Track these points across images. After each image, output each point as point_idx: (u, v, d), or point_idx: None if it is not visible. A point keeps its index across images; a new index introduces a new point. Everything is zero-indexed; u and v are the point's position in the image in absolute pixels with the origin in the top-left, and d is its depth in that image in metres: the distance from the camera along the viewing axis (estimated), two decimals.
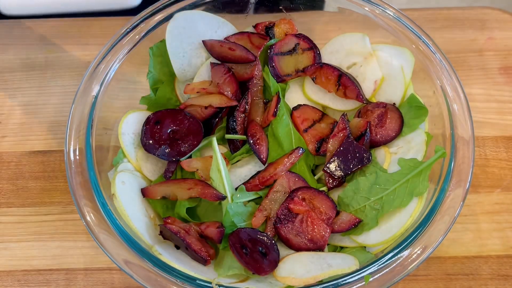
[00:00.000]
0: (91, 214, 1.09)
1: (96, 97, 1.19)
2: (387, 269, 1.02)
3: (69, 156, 1.14)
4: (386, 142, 1.19)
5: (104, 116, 1.20)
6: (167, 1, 1.26)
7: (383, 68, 1.24)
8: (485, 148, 1.36)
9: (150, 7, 1.26)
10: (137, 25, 1.25)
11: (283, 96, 1.24)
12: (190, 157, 1.20)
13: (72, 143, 1.15)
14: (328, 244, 1.13)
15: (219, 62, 1.24)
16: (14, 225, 1.29)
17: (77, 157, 1.14)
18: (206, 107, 1.20)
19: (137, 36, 1.24)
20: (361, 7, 1.29)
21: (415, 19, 1.27)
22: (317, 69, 1.24)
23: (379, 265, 1.03)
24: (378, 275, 1.02)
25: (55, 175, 1.35)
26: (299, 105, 1.24)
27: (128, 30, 1.24)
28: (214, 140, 1.14)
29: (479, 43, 1.50)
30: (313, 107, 1.25)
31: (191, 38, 1.25)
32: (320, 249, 1.10)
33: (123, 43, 1.23)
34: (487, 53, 1.49)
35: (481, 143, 1.36)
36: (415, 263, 1.03)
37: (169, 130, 1.19)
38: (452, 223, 1.06)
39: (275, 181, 1.15)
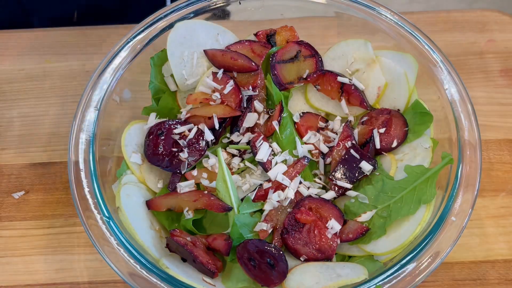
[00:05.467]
0: (96, 227, 1.08)
1: (99, 108, 1.17)
2: (398, 278, 1.02)
3: (73, 168, 1.13)
4: (391, 149, 1.18)
5: (106, 127, 1.19)
6: (167, 10, 1.25)
7: (386, 74, 1.23)
8: (489, 151, 1.35)
9: (151, 16, 1.25)
10: (139, 34, 1.24)
11: (286, 104, 1.23)
12: (194, 168, 1.19)
13: (75, 155, 1.14)
14: (336, 254, 1.12)
15: (220, 71, 1.23)
16: (16, 239, 1.28)
17: (81, 169, 1.13)
18: (209, 118, 1.19)
19: (138, 46, 1.23)
20: (360, 11, 1.28)
21: (415, 22, 1.27)
22: (320, 76, 1.23)
23: (390, 275, 1.02)
24: (389, 284, 1.02)
25: (56, 187, 1.33)
26: (303, 113, 1.23)
27: (129, 39, 1.23)
28: (219, 150, 1.13)
29: (480, 46, 1.49)
30: (317, 115, 1.24)
31: (192, 48, 1.25)
32: (328, 258, 1.09)
33: (124, 53, 1.22)
34: (488, 56, 1.48)
35: (484, 146, 1.35)
36: (426, 271, 1.02)
37: (173, 141, 1.18)
38: (462, 230, 1.05)
39: None
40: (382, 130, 1.18)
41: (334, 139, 1.20)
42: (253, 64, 1.21)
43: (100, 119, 1.17)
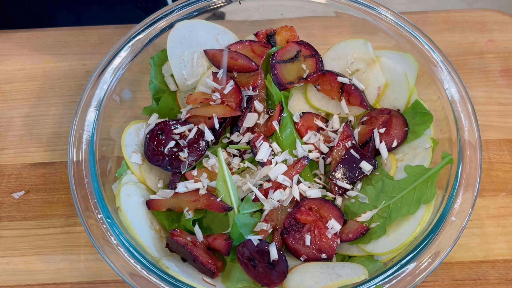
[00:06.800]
0: (96, 227, 1.08)
1: (99, 108, 1.17)
2: (398, 278, 1.02)
3: (73, 168, 1.13)
4: (391, 149, 1.18)
5: (106, 127, 1.19)
6: (167, 10, 1.25)
7: (386, 74, 1.23)
8: (489, 151, 1.35)
9: (151, 16, 1.25)
10: (139, 34, 1.23)
11: (286, 104, 1.23)
12: (194, 168, 1.19)
13: (75, 155, 1.14)
14: (336, 254, 1.12)
15: (220, 71, 1.23)
16: (16, 239, 1.28)
17: (81, 169, 1.13)
18: (209, 118, 1.19)
19: (138, 46, 1.23)
20: (360, 11, 1.28)
21: (415, 22, 1.27)
22: (320, 76, 1.23)
23: (390, 275, 1.02)
24: (389, 284, 1.02)
25: (56, 187, 1.33)
26: (303, 113, 1.23)
27: (129, 39, 1.23)
28: (219, 150, 1.13)
29: (480, 46, 1.49)
30: (317, 115, 1.24)
31: (192, 48, 1.25)
32: (328, 259, 1.09)
33: (125, 52, 1.22)
34: (488, 56, 1.48)
35: (484, 146, 1.35)
36: (426, 271, 1.02)
37: (173, 141, 1.18)
38: (462, 230, 1.05)
39: None
40: (382, 130, 1.18)
41: (334, 139, 1.20)
42: (253, 64, 1.21)
43: (100, 119, 1.17)
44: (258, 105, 1.21)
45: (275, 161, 1.16)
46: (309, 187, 1.15)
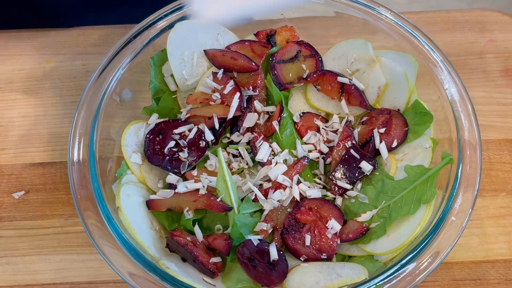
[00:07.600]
0: (95, 227, 1.08)
1: (98, 108, 1.17)
2: (398, 278, 1.02)
3: (72, 168, 1.13)
4: (391, 149, 1.18)
5: (106, 127, 1.19)
6: (167, 10, 1.25)
7: (386, 74, 1.23)
8: (489, 151, 1.35)
9: (151, 16, 1.25)
10: (139, 34, 1.23)
11: (286, 104, 1.23)
12: (194, 168, 1.19)
13: (75, 154, 1.14)
14: (336, 254, 1.12)
15: (220, 71, 1.23)
16: (16, 239, 1.28)
17: (81, 169, 1.13)
18: (209, 118, 1.19)
19: (138, 46, 1.23)
20: (360, 11, 1.28)
21: (415, 22, 1.27)
22: (320, 76, 1.23)
23: (390, 275, 1.02)
24: (389, 284, 1.02)
25: (56, 187, 1.33)
26: (303, 113, 1.23)
27: (129, 39, 1.23)
28: (219, 150, 1.13)
29: (480, 46, 1.49)
30: (317, 115, 1.24)
31: (192, 48, 1.25)
32: (328, 259, 1.09)
33: (125, 52, 1.22)
34: (488, 56, 1.48)
35: (484, 146, 1.35)
36: (426, 271, 1.02)
37: (173, 141, 1.18)
38: (462, 230, 1.05)
39: None
40: (382, 130, 1.18)
41: (334, 139, 1.20)
42: (253, 64, 1.21)
43: (100, 119, 1.17)
44: (258, 105, 1.21)
45: (275, 161, 1.16)
46: (309, 187, 1.15)
